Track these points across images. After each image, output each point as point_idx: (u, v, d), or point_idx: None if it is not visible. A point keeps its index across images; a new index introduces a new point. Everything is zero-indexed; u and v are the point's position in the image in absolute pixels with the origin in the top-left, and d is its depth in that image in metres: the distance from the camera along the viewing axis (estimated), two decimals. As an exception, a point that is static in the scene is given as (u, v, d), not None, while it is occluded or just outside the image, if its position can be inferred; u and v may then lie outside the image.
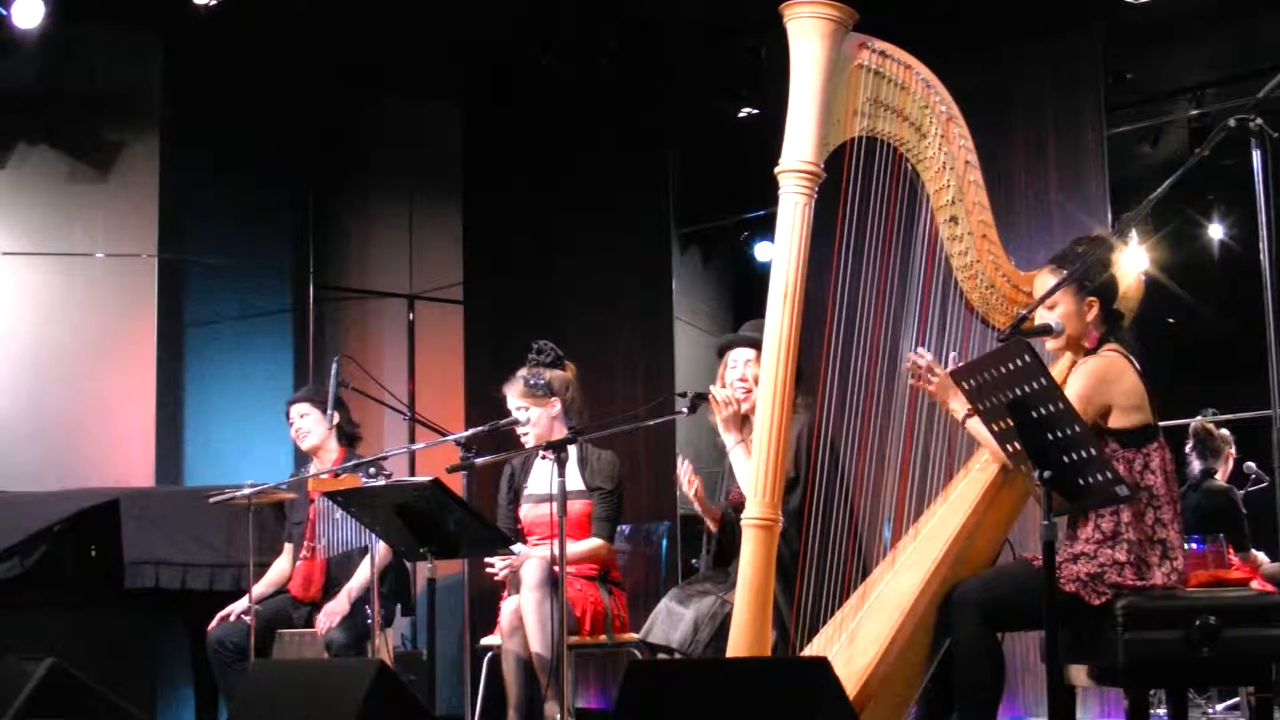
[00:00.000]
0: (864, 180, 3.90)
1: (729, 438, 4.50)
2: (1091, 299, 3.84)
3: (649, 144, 7.56)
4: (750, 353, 4.57)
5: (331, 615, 5.46)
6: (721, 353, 4.71)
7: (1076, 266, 3.74)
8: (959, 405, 3.90)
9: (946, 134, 3.99)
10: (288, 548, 5.82)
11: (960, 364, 3.84)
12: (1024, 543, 4.29)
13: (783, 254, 3.85)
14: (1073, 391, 3.63)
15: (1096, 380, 3.73)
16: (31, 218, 7.28)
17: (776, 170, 3.90)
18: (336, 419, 5.69)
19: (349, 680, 3.60)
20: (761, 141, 6.03)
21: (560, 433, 4.93)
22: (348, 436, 5.79)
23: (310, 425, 5.74)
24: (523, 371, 5.21)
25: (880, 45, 3.97)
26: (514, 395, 5.19)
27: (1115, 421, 3.73)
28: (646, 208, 7.54)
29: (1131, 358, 3.80)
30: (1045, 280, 3.88)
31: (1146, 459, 3.74)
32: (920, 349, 3.97)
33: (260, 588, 5.64)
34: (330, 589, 5.57)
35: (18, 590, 5.79)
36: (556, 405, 5.18)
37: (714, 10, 7.11)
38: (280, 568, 5.80)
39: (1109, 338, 3.85)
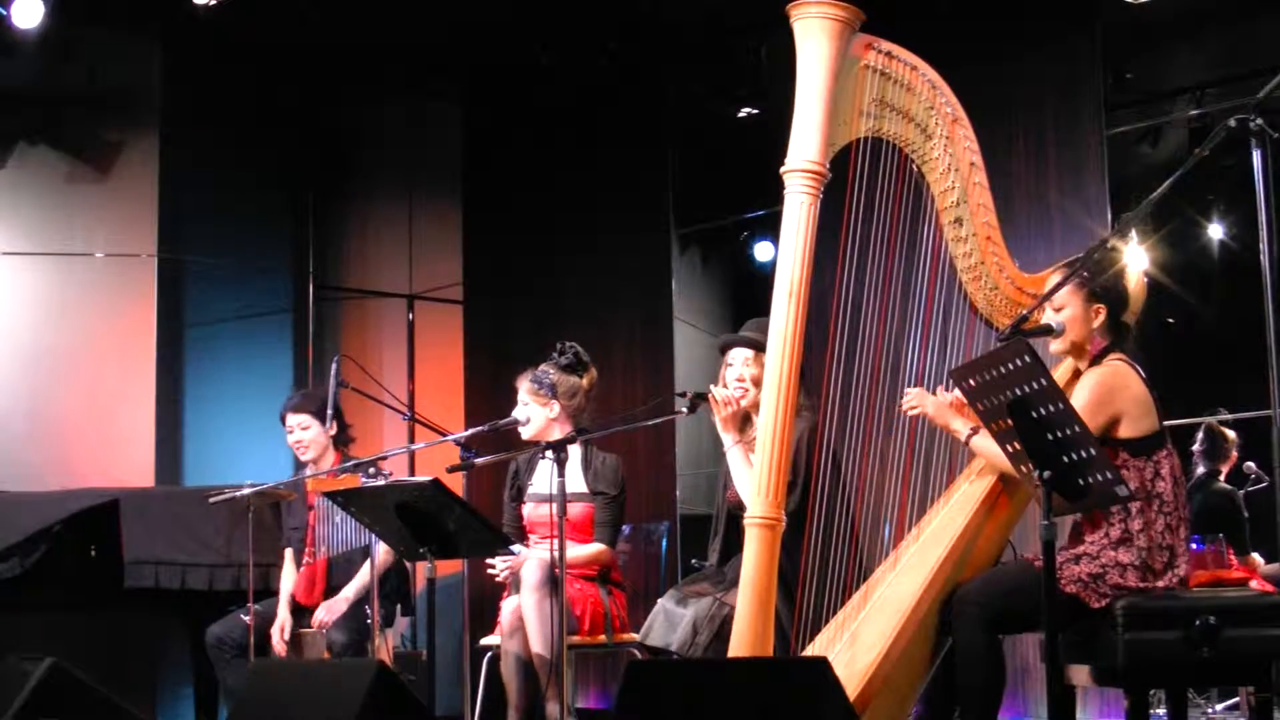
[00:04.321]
0: (869, 181, 3.90)
1: (727, 437, 4.50)
2: (1099, 306, 3.84)
3: (649, 144, 7.56)
4: (749, 353, 4.56)
5: (332, 610, 5.45)
6: (723, 351, 4.71)
7: (1081, 263, 3.74)
8: (960, 425, 3.92)
9: (951, 135, 3.99)
10: (288, 555, 5.77)
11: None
12: (1025, 544, 4.29)
13: (788, 253, 3.85)
14: (1081, 402, 3.63)
15: (1105, 390, 3.73)
16: (31, 218, 7.28)
17: (782, 170, 3.90)
18: (335, 429, 5.66)
19: (349, 680, 3.60)
20: (761, 141, 6.03)
21: (558, 435, 4.93)
22: (344, 442, 5.77)
23: (311, 438, 5.67)
24: (543, 366, 5.21)
25: (887, 46, 3.97)
26: (521, 389, 5.20)
27: (1125, 431, 3.74)
28: (646, 208, 7.54)
29: (1136, 366, 3.80)
30: (1056, 281, 3.88)
31: (1157, 466, 3.74)
32: (906, 392, 4.00)
33: (282, 604, 5.62)
34: (332, 591, 5.56)
35: (18, 590, 5.78)
36: (555, 408, 5.16)
37: (714, 10, 7.10)
38: (290, 577, 5.71)
39: (1114, 347, 3.85)
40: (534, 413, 5.16)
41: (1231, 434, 6.75)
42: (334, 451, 5.71)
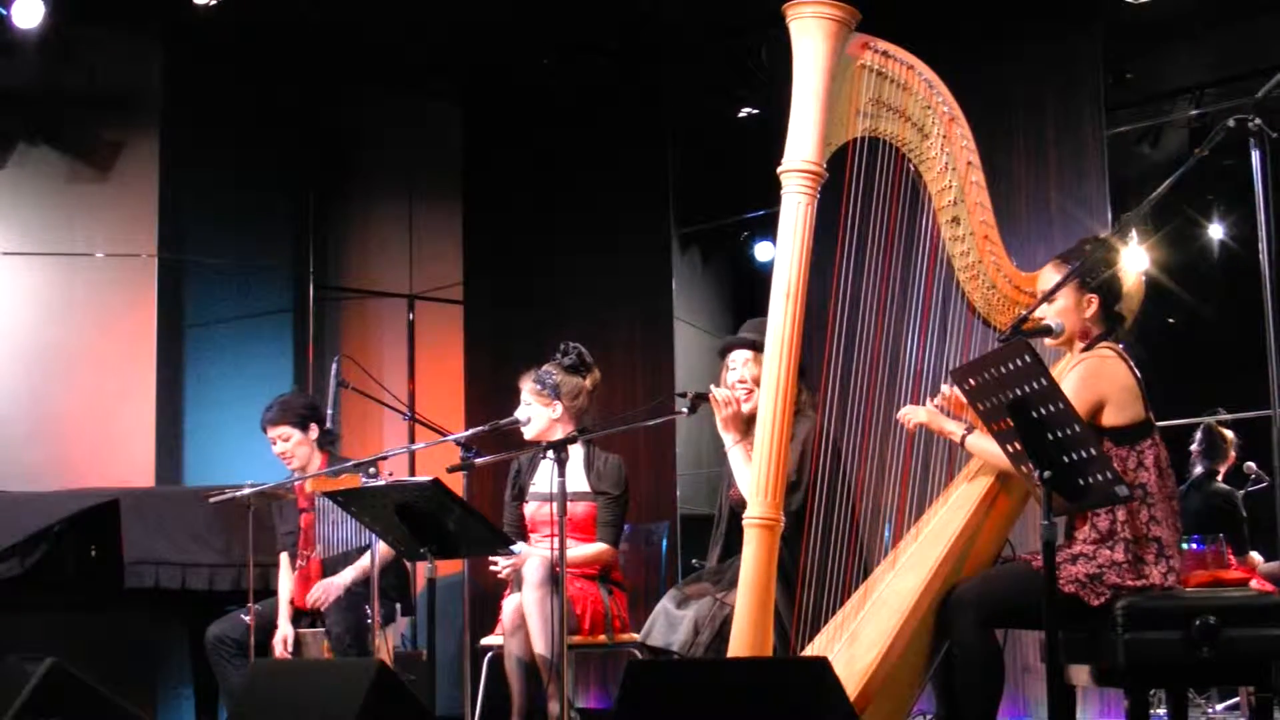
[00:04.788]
0: (866, 180, 3.90)
1: (728, 437, 4.50)
2: (1091, 296, 3.85)
3: (649, 144, 7.56)
4: (749, 354, 4.57)
5: (328, 590, 5.44)
6: (722, 355, 4.71)
7: (1079, 262, 3.75)
8: (954, 427, 3.94)
9: (948, 134, 3.99)
10: (284, 560, 5.72)
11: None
12: (1024, 543, 4.29)
13: (785, 254, 3.85)
14: (1066, 389, 3.64)
15: (1086, 379, 3.75)
16: (31, 218, 7.28)
17: (779, 170, 3.90)
18: (317, 432, 5.64)
19: (349, 680, 3.60)
20: (761, 141, 6.02)
21: (561, 436, 4.92)
22: (329, 442, 5.74)
23: (293, 448, 5.63)
24: (546, 366, 5.21)
25: (883, 45, 3.97)
26: (524, 389, 5.20)
27: (1107, 419, 3.75)
28: (646, 208, 7.54)
29: (1125, 356, 3.81)
30: (1049, 276, 3.90)
31: (1140, 456, 3.75)
32: (900, 413, 4.03)
33: (282, 614, 5.61)
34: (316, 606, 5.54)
35: (18, 590, 5.78)
36: (558, 408, 5.17)
37: (714, 10, 7.10)
38: (286, 584, 5.68)
39: (1106, 337, 3.86)
40: (537, 413, 5.16)
41: (1230, 434, 6.75)
42: (320, 453, 5.68)
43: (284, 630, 5.53)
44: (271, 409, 5.72)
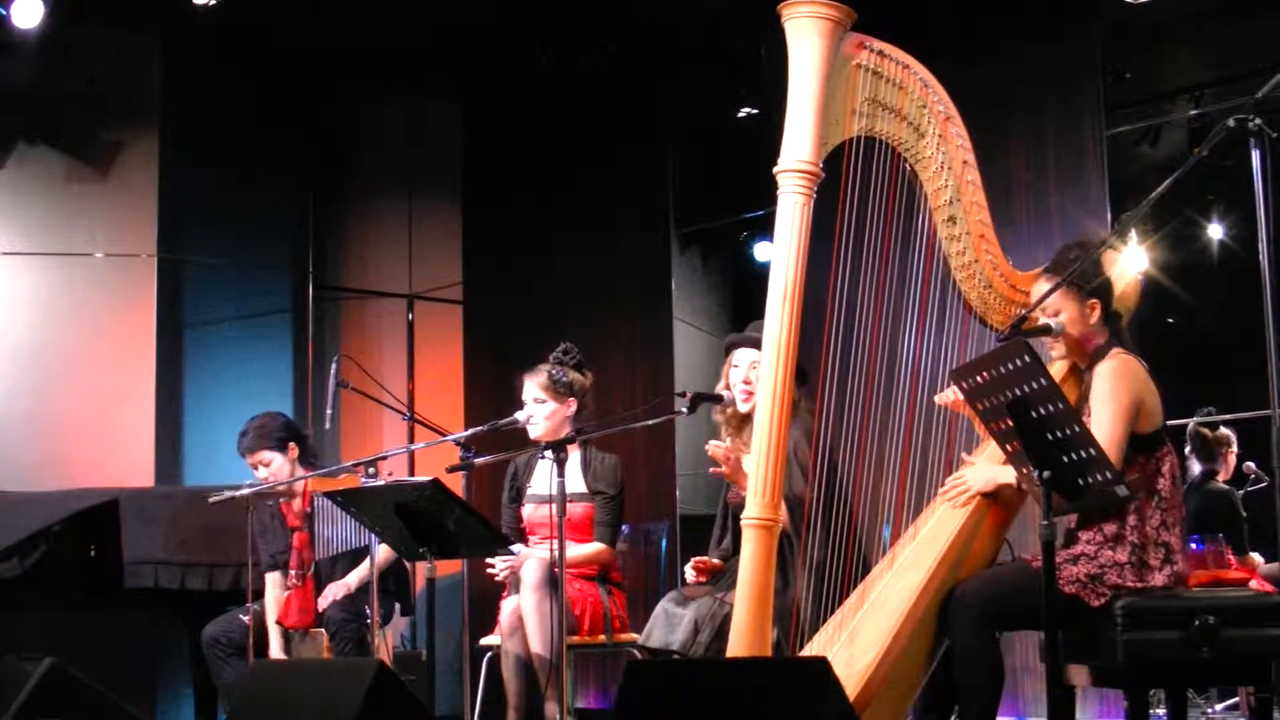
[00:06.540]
0: (862, 180, 3.89)
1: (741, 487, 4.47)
2: (1094, 301, 3.85)
3: (649, 144, 7.56)
4: (755, 354, 4.55)
5: (335, 591, 5.42)
6: (728, 351, 4.70)
7: (1071, 269, 3.74)
8: (1007, 477, 3.85)
9: (944, 134, 3.99)
10: (270, 580, 5.63)
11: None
12: (1023, 543, 4.29)
13: (782, 253, 3.85)
14: (1111, 398, 3.63)
15: (1132, 383, 3.72)
16: (31, 218, 7.29)
17: (775, 170, 3.90)
18: (296, 452, 5.59)
19: (349, 680, 3.60)
20: (761, 141, 6.03)
21: (566, 434, 4.92)
22: (310, 457, 5.68)
23: (276, 470, 5.53)
24: (548, 365, 5.20)
25: (879, 45, 3.97)
26: (534, 385, 5.17)
27: (1137, 425, 3.74)
28: (646, 208, 7.54)
29: (1143, 362, 3.81)
30: (1040, 288, 3.89)
31: (1159, 463, 3.75)
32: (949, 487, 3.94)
33: (273, 640, 5.59)
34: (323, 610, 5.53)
35: (18, 590, 5.78)
36: (573, 406, 5.17)
37: (714, 10, 7.11)
38: (274, 607, 5.58)
39: (1114, 342, 3.85)
40: (550, 411, 5.13)
41: (1221, 432, 6.71)
42: (302, 469, 5.64)
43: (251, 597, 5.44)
44: (246, 435, 5.61)
